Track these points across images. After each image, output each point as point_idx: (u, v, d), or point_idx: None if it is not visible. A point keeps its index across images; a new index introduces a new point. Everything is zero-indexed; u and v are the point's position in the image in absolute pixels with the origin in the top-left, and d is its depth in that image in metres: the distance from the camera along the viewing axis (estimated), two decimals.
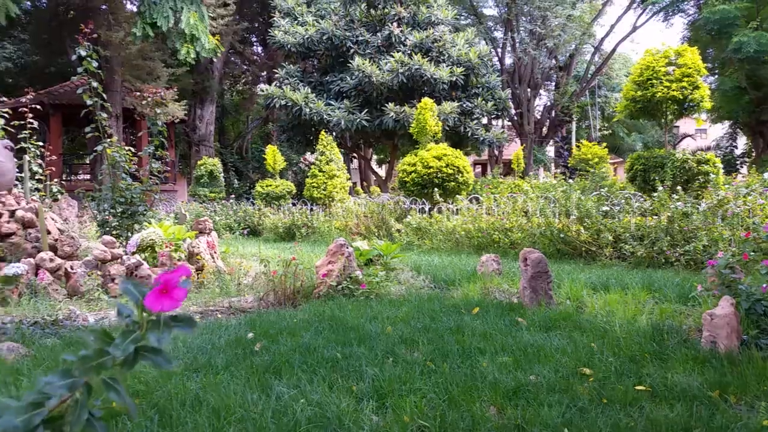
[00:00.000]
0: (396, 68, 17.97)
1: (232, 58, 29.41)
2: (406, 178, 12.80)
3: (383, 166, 31.22)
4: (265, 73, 29.87)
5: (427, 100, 13.77)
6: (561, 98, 28.70)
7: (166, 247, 6.83)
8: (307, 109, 18.52)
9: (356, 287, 5.47)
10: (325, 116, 18.43)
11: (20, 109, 8.10)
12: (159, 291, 0.87)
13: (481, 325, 4.15)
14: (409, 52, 18.70)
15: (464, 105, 19.36)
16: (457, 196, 12.00)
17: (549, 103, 31.31)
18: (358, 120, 18.51)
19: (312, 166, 15.95)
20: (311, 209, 14.13)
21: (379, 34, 19.48)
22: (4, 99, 8.92)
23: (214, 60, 22.12)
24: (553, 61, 28.70)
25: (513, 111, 25.33)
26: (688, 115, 11.13)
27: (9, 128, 7.88)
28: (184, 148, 26.51)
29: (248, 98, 31.33)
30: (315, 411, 2.55)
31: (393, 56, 18.28)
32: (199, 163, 19.97)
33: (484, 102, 19.61)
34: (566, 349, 3.50)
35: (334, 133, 18.28)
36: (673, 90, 10.27)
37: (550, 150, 35.19)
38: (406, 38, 19.13)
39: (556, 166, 33.27)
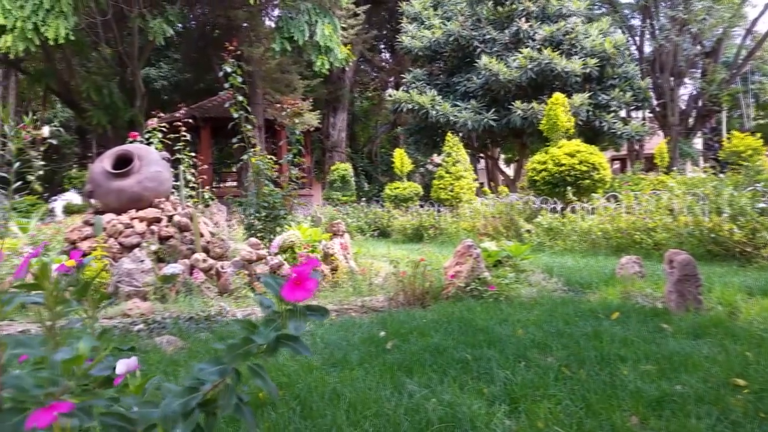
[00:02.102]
0: (524, 64, 17.51)
1: (362, 66, 30.36)
2: (536, 177, 12.43)
3: (511, 166, 30.51)
4: (392, 78, 30.50)
5: (558, 95, 13.27)
6: (708, 86, 26.23)
7: (305, 248, 7.22)
8: (434, 112, 18.62)
9: (485, 289, 5.41)
10: (451, 118, 18.41)
11: (175, 123, 8.93)
12: (293, 283, 0.95)
13: (620, 330, 3.93)
14: (538, 46, 18.14)
15: (599, 98, 18.40)
16: (593, 194, 11.42)
17: (695, 92, 28.76)
18: (485, 120, 18.27)
19: (439, 168, 16.00)
20: (438, 210, 14.18)
21: (506, 31, 19.11)
22: (161, 114, 9.91)
23: (346, 69, 22.96)
24: (698, 47, 26.34)
25: (654, 102, 23.62)
26: None
27: (166, 141, 8.73)
28: (319, 154, 27.82)
29: (377, 104, 32.18)
30: (446, 411, 2.57)
31: (521, 52, 17.83)
32: (332, 168, 20.84)
33: (621, 93, 18.50)
34: (717, 358, 3.22)
35: (460, 134, 18.20)
36: None
37: (698, 142, 32.28)
38: (535, 33, 18.57)
39: (705, 160, 30.42)
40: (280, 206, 7.77)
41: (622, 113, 20.63)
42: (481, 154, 25.14)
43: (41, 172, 6.89)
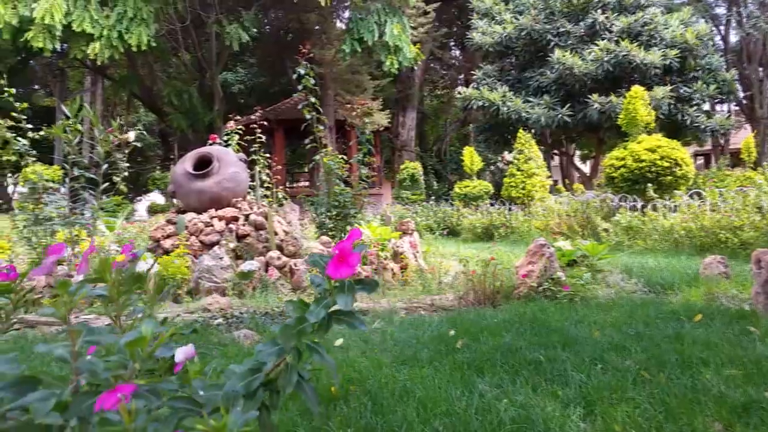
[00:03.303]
0: (600, 57, 16.92)
1: (432, 65, 30.29)
2: (613, 174, 11.97)
3: (587, 162, 29.56)
4: (462, 75, 30.27)
5: (636, 88, 12.72)
6: None
7: (374, 246, 7.29)
8: (505, 108, 18.31)
9: (559, 289, 5.28)
10: (523, 114, 18.04)
11: (251, 126, 9.23)
12: (337, 259, 0.96)
13: (703, 333, 3.73)
14: (615, 38, 17.48)
15: (680, 90, 17.52)
16: (675, 191, 10.88)
17: None
18: (559, 115, 17.78)
19: (510, 166, 15.73)
20: (509, 209, 13.93)
21: (581, 23, 18.54)
22: (238, 117, 10.27)
23: (415, 68, 22.98)
24: None
25: (741, 94, 22.22)
26: None
27: (243, 143, 9.04)
28: (388, 153, 27.99)
29: (446, 102, 32.02)
30: (519, 412, 2.52)
31: (597, 45, 17.25)
32: (401, 167, 20.90)
33: (704, 86, 17.54)
34: None
35: (533, 131, 17.80)
36: None
37: None
38: (612, 24, 17.91)
39: None
40: (351, 205, 7.88)
41: (706, 106, 19.57)
42: (555, 151, 24.51)
43: (127, 174, 7.30)
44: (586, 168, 26.46)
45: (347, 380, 2.98)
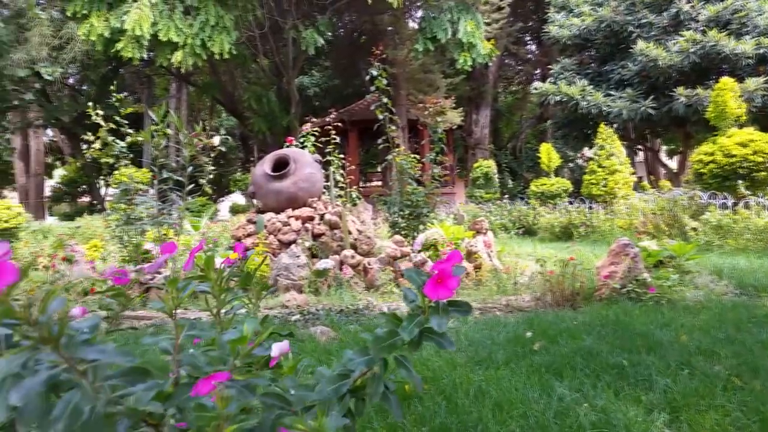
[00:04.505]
0: (686, 48, 16.04)
1: (506, 60, 29.77)
2: (702, 170, 11.34)
3: (674, 158, 28.14)
4: (538, 70, 29.55)
5: (725, 80, 11.99)
6: None
7: (447, 246, 7.26)
8: (584, 103, 17.72)
9: (643, 291, 5.06)
10: (603, 108, 17.39)
11: (325, 127, 9.42)
12: (435, 280, 0.96)
13: None
14: (701, 28, 16.52)
15: None
16: None
17: None
18: (642, 108, 17.00)
19: (590, 162, 15.22)
20: (590, 207, 13.47)
21: (664, 13, 17.66)
22: (313, 119, 10.50)
23: (489, 64, 22.65)
24: None
25: None
26: None
27: (318, 144, 9.24)
28: (461, 152, 27.75)
29: (522, 98, 31.37)
30: (599, 416, 2.45)
31: (682, 35, 16.36)
32: (474, 165, 20.66)
33: None
34: None
35: (614, 125, 17.13)
36: None
37: None
38: (698, 13, 16.93)
39: None
40: (423, 204, 7.88)
41: None
42: (639, 146, 23.46)
43: (211, 176, 7.64)
44: (672, 164, 25.18)
45: (422, 379, 2.99)
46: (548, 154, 17.01)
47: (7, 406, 0.67)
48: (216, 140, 7.51)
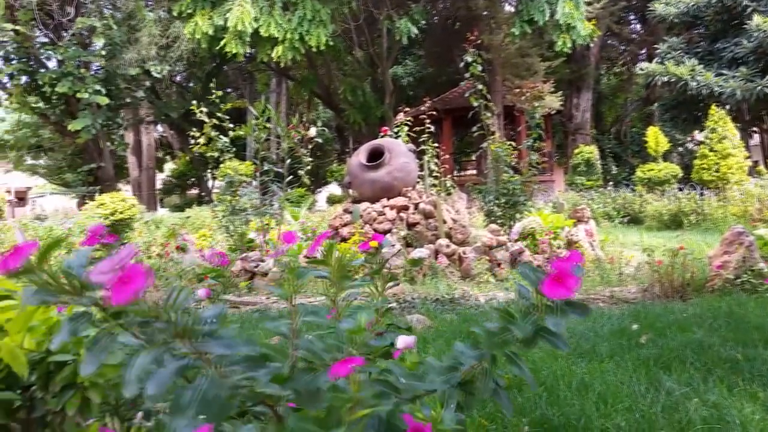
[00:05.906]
0: None
1: (609, 41, 28.32)
2: None
3: None
4: (644, 50, 27.85)
5: None
6: None
7: (546, 235, 7.05)
8: (694, 83, 16.53)
9: (759, 282, 4.71)
10: (715, 88, 16.13)
11: (419, 117, 9.42)
12: (554, 279, 0.92)
13: None
14: None
15: None
16: None
17: None
18: (759, 88, 15.59)
19: (701, 146, 14.22)
20: (701, 194, 12.60)
21: None
22: (407, 109, 10.52)
23: (590, 45, 21.63)
24: None
25: None
26: None
27: (412, 133, 9.25)
28: (561, 137, 26.75)
29: (626, 80, 29.71)
30: (711, 412, 2.30)
31: None
32: (575, 151, 19.88)
33: None
34: None
35: (727, 107, 15.87)
36: None
37: None
38: None
39: None
40: (520, 192, 7.70)
41: None
42: (755, 129, 21.57)
43: (309, 167, 7.88)
44: None
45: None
46: (656, 138, 16.07)
47: (145, 396, 0.73)
48: (312, 132, 7.72)
